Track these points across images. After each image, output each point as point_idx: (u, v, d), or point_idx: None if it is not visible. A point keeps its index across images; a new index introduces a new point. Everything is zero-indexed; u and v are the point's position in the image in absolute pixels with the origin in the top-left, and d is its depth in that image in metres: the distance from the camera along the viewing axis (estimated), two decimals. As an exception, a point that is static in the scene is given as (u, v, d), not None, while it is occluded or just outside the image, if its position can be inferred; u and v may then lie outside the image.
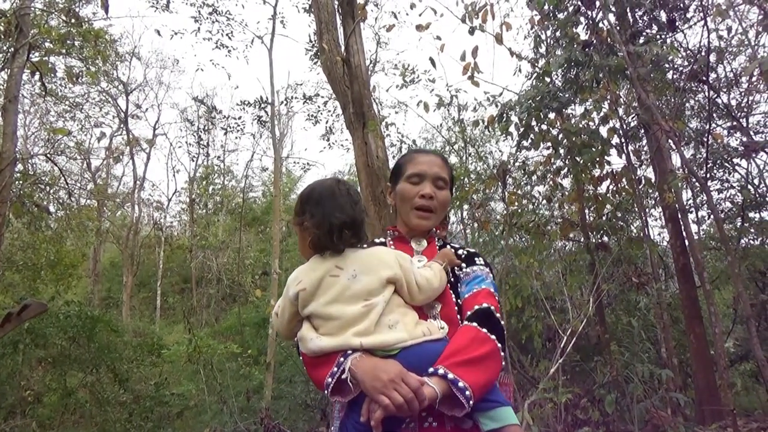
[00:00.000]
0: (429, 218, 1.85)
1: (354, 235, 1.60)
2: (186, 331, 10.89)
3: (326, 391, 1.48)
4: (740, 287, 5.50)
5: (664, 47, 5.84)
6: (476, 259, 1.84)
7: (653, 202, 8.63)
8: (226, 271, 19.33)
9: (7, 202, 7.92)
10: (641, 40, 6.20)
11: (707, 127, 6.91)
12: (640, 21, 6.85)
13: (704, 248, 8.75)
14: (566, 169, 6.56)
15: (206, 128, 22.64)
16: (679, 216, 7.29)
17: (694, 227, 8.03)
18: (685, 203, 7.51)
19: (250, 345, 12.17)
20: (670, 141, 6.27)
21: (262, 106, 15.39)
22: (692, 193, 7.66)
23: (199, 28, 13.72)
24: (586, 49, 5.79)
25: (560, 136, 6.16)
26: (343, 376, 1.44)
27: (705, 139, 6.79)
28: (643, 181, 6.48)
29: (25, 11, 8.40)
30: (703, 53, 5.79)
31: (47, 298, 10.71)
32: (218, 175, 23.62)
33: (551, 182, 6.73)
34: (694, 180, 6.51)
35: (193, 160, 23.33)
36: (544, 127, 6.01)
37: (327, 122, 15.08)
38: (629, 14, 6.84)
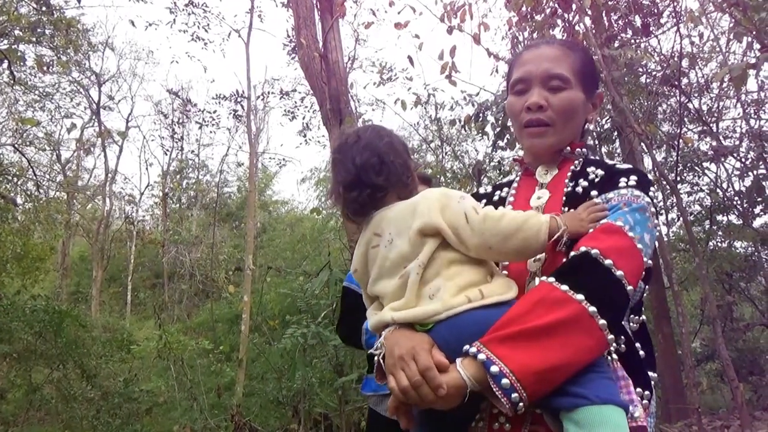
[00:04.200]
0: (544, 134, 1.33)
1: (361, 194, 1.24)
2: (157, 327, 10.73)
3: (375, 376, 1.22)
4: (707, 288, 5.62)
5: (638, 51, 5.92)
6: (621, 179, 1.25)
7: (625, 203, 8.74)
8: (199, 267, 19.06)
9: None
10: (616, 44, 6.28)
11: (678, 131, 7.04)
12: (616, 25, 6.94)
13: (673, 250, 8.91)
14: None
15: (180, 121, 22.28)
16: (650, 218, 7.41)
17: (664, 229, 8.19)
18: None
19: (221, 341, 12.03)
20: (642, 144, 6.36)
21: (238, 100, 15.22)
22: (662, 196, 7.79)
23: (174, 20, 13.43)
24: (563, 52, 5.84)
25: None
26: (376, 352, 1.16)
27: (676, 143, 6.90)
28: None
29: (-6, -3, 8.18)
30: (675, 58, 5.88)
31: (13, 292, 10.45)
32: (192, 170, 23.28)
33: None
34: (664, 182, 6.61)
35: (167, 154, 22.96)
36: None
37: (304, 118, 14.97)
38: (605, 18, 6.92)
